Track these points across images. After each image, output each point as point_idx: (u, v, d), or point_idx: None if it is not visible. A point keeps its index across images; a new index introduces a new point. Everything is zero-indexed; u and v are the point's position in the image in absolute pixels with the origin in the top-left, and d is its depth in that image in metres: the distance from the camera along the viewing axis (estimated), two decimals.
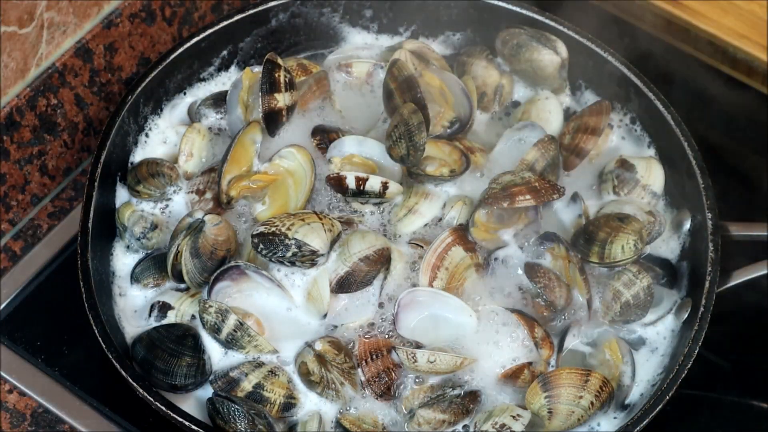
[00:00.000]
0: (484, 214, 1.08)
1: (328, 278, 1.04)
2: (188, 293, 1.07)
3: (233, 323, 1.01)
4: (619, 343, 1.06)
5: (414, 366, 1.02)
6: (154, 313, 1.06)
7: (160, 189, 1.11)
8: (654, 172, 1.14)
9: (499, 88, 1.20)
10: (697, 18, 1.29)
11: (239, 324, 1.02)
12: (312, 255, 1.03)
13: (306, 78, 1.17)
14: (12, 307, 1.14)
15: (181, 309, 1.05)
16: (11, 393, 1.09)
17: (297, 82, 1.15)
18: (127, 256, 1.10)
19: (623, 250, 1.06)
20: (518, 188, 1.06)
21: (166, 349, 1.03)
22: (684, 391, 1.01)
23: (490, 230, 1.09)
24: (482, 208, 1.08)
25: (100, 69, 1.20)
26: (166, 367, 1.02)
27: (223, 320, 1.02)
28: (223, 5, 1.32)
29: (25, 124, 1.14)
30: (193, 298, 1.06)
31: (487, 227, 1.08)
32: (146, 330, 1.05)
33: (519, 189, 1.06)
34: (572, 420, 1.01)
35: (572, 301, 1.07)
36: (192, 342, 1.04)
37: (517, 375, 1.03)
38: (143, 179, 1.12)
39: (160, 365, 1.02)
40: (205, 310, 1.02)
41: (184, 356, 1.03)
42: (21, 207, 1.18)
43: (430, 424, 1.01)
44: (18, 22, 1.08)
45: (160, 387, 1.01)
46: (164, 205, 1.12)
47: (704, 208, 1.09)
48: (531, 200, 1.05)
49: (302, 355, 1.03)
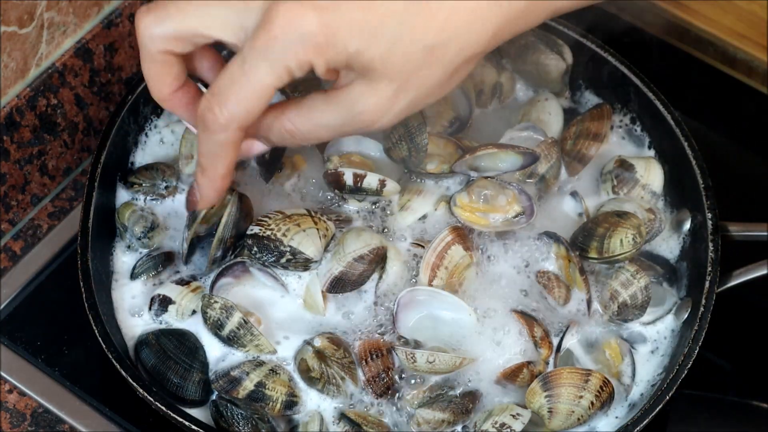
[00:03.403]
0: (465, 194, 1.08)
1: (320, 280, 1.05)
2: (189, 287, 1.06)
3: (237, 320, 1.01)
4: (619, 343, 1.06)
5: (413, 366, 1.02)
6: (155, 307, 1.06)
7: (151, 180, 1.11)
8: (653, 171, 1.14)
9: (497, 86, 1.20)
10: (697, 18, 1.29)
11: (243, 322, 1.02)
12: (306, 262, 1.04)
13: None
14: (12, 307, 1.14)
15: (182, 304, 1.05)
16: (11, 393, 1.09)
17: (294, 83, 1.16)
18: (127, 255, 1.10)
19: (622, 243, 1.06)
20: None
21: (181, 363, 1.03)
22: (684, 391, 1.01)
23: (476, 211, 1.08)
24: (461, 185, 1.09)
25: (100, 69, 1.20)
26: (180, 381, 1.02)
27: (228, 317, 1.02)
28: None
29: (25, 124, 1.14)
30: (194, 293, 1.06)
31: (471, 208, 1.08)
32: (154, 332, 1.05)
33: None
34: (572, 419, 1.01)
35: (571, 301, 1.08)
36: (203, 355, 1.04)
37: (516, 374, 1.03)
38: (137, 172, 1.12)
39: (174, 378, 1.02)
40: (209, 305, 1.02)
41: (196, 371, 1.03)
42: (21, 207, 1.18)
43: (430, 424, 1.01)
44: (18, 22, 1.08)
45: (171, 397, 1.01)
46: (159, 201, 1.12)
47: (704, 208, 1.09)
48: (492, 148, 1.06)
49: (301, 352, 1.03)
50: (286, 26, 0.81)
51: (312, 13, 0.81)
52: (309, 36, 0.81)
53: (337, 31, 0.81)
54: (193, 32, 0.86)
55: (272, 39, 0.82)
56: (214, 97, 0.85)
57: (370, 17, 0.81)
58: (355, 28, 0.81)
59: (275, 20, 0.81)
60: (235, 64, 0.84)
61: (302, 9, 0.81)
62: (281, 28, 0.81)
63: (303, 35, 0.81)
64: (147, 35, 0.87)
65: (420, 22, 0.82)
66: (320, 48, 0.82)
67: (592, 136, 1.14)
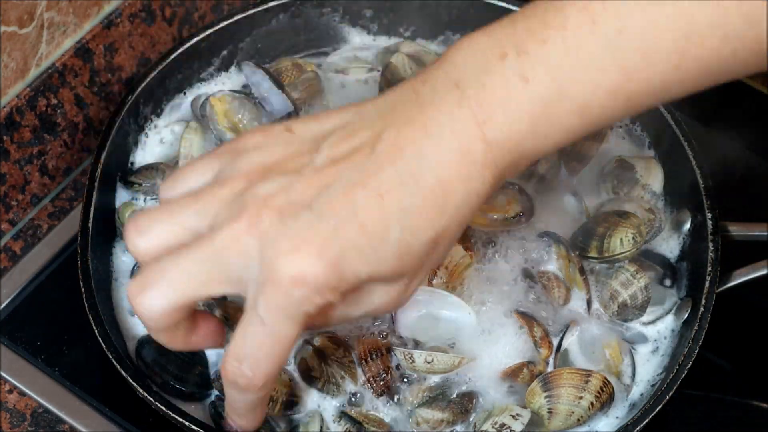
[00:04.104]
0: None
1: None
2: None
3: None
4: (619, 343, 1.06)
5: (412, 366, 1.02)
6: None
7: (151, 180, 1.11)
8: (653, 171, 1.14)
9: None
10: None
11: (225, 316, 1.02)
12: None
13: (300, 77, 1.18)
14: (12, 307, 1.14)
15: None
16: (11, 393, 1.09)
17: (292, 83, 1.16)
18: (127, 255, 1.10)
19: (622, 243, 1.06)
20: None
21: (180, 354, 1.03)
22: (684, 391, 1.01)
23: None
24: None
25: (100, 69, 1.20)
26: (179, 373, 1.02)
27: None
28: (223, 5, 1.32)
29: (25, 124, 1.14)
30: None
31: None
32: None
33: None
34: (572, 420, 1.01)
35: (571, 301, 1.08)
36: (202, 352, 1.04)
37: (516, 374, 1.03)
38: (137, 172, 1.13)
39: (174, 370, 1.02)
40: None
41: (197, 364, 1.03)
42: (21, 207, 1.18)
43: (429, 423, 1.01)
44: (18, 22, 1.08)
45: (169, 391, 1.02)
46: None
47: (704, 208, 1.09)
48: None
49: (301, 352, 1.03)
50: (295, 281, 0.77)
51: (317, 260, 0.76)
52: (321, 284, 0.77)
53: (346, 267, 0.77)
54: (193, 298, 0.81)
55: (286, 296, 0.77)
56: (241, 362, 0.81)
57: (373, 237, 0.78)
58: (363, 257, 0.78)
59: (282, 276, 0.77)
60: (252, 324, 0.79)
61: (306, 257, 0.77)
62: (291, 284, 0.77)
63: (314, 286, 0.77)
64: (150, 318, 0.82)
65: (419, 219, 0.79)
66: (334, 287, 0.78)
67: (591, 136, 1.14)
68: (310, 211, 0.78)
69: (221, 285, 0.80)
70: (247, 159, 0.82)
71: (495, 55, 0.79)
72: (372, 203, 0.78)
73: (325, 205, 0.78)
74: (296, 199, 0.78)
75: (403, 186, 0.78)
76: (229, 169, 0.82)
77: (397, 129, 0.79)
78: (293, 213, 0.78)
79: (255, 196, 0.79)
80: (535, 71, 0.78)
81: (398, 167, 0.78)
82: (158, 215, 0.83)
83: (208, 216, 0.81)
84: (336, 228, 0.77)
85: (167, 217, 0.83)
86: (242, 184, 0.80)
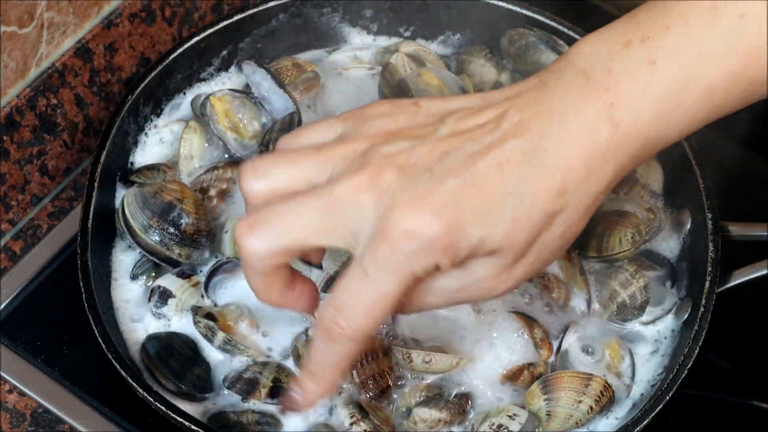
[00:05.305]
0: None
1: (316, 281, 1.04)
2: (190, 281, 1.06)
3: (221, 339, 1.02)
4: (619, 343, 1.06)
5: (410, 366, 1.02)
6: (154, 299, 1.06)
7: (151, 180, 1.11)
8: (653, 171, 1.14)
9: (497, 86, 1.20)
10: None
11: (227, 340, 1.02)
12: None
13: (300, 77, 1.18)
14: (12, 307, 1.14)
15: (182, 298, 1.06)
16: (11, 393, 1.09)
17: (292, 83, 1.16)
18: (127, 255, 1.10)
19: (621, 242, 1.06)
20: None
21: (183, 354, 1.03)
22: (684, 391, 1.01)
23: None
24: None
25: (100, 69, 1.20)
26: (179, 369, 1.02)
27: (213, 335, 1.03)
28: (223, 5, 1.32)
29: (25, 124, 1.14)
30: (194, 287, 1.06)
31: None
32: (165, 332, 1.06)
33: None
34: (570, 423, 1.00)
35: (571, 301, 1.08)
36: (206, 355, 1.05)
37: (517, 376, 1.03)
38: (137, 172, 1.13)
39: (174, 365, 1.03)
40: (196, 322, 1.03)
41: (198, 366, 1.03)
42: (21, 207, 1.18)
43: (426, 423, 1.01)
44: (18, 22, 1.08)
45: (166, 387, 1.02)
46: None
47: (704, 208, 1.09)
48: None
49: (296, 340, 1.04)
50: (408, 236, 0.77)
51: (432, 217, 0.77)
52: (433, 242, 0.77)
53: (460, 229, 0.78)
54: (302, 244, 0.81)
55: (395, 250, 0.77)
56: (339, 311, 0.80)
57: (490, 201, 0.78)
58: (478, 219, 0.78)
59: (395, 229, 0.77)
60: (356, 276, 0.79)
61: (422, 214, 0.77)
62: (403, 238, 0.77)
63: (427, 242, 0.77)
64: (255, 257, 0.82)
65: (537, 191, 0.79)
66: (445, 250, 0.78)
67: None
68: (430, 173, 0.79)
69: (331, 236, 0.80)
70: (372, 123, 0.83)
71: (619, 43, 0.82)
72: (491, 171, 0.79)
73: (445, 169, 0.79)
74: (417, 161, 0.79)
75: (525, 159, 0.79)
76: (354, 132, 0.83)
77: (522, 110, 0.81)
78: (413, 173, 0.79)
79: (378, 153, 0.80)
80: (660, 55, 0.80)
81: (521, 142, 0.80)
82: (278, 160, 0.83)
83: (327, 169, 0.81)
84: (454, 190, 0.78)
85: (287, 164, 0.83)
86: (365, 144, 0.81)
